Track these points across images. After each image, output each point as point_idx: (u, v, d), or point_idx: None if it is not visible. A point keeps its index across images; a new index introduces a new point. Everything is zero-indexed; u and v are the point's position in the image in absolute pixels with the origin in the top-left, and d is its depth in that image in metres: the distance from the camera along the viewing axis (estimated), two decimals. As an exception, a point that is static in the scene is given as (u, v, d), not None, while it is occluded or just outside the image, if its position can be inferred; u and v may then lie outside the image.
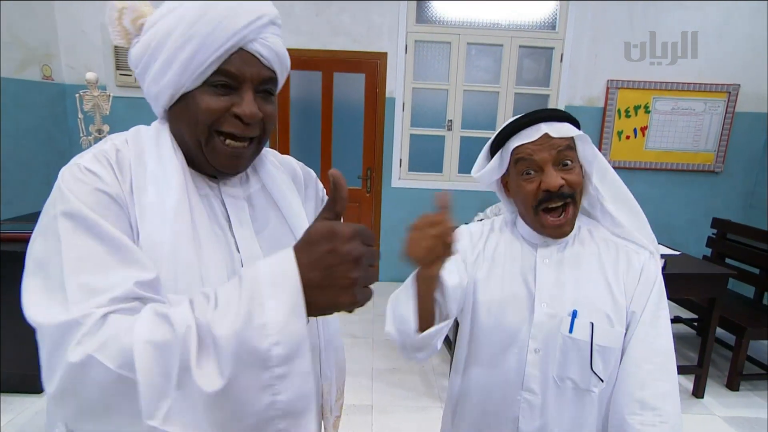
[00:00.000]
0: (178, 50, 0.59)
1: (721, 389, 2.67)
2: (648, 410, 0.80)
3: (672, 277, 2.38)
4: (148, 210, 0.58)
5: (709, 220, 3.43)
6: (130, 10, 0.62)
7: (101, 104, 2.57)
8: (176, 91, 0.62)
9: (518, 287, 0.90)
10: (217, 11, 0.59)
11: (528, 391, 0.87)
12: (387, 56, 3.77)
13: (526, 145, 0.85)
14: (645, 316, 0.84)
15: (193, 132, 0.63)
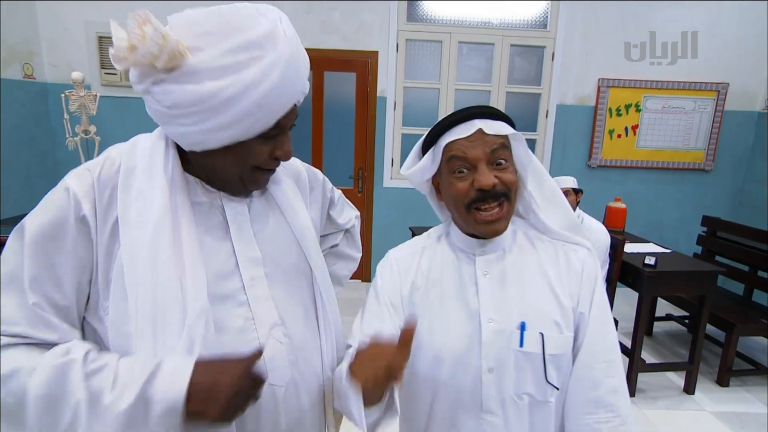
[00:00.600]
0: (248, 113, 0.63)
1: (711, 385, 2.76)
2: (602, 408, 0.82)
3: (663, 275, 2.47)
4: (131, 227, 0.63)
5: (699, 217, 3.54)
6: (168, 52, 0.58)
7: (87, 104, 2.58)
8: (234, 141, 0.65)
9: (460, 306, 0.86)
10: (285, 81, 0.63)
11: (489, 413, 0.83)
12: (378, 55, 3.83)
13: (459, 141, 0.81)
14: (593, 315, 0.84)
15: (237, 170, 0.69)
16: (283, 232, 0.78)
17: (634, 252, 2.73)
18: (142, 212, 0.63)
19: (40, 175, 3.75)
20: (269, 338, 0.70)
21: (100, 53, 3.69)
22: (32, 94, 3.64)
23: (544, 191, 0.89)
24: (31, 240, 0.60)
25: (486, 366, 0.83)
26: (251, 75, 0.61)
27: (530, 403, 0.83)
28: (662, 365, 2.82)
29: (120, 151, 0.69)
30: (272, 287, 0.73)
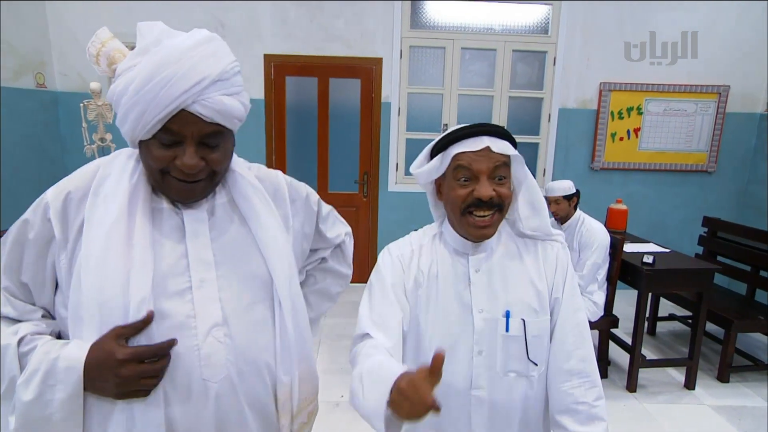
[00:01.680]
0: (129, 110, 0.74)
1: (712, 381, 2.95)
2: (574, 375, 1.02)
3: (660, 273, 2.67)
4: (93, 225, 0.76)
5: (702, 219, 3.74)
6: (104, 56, 0.78)
7: (105, 113, 2.81)
8: (133, 139, 0.78)
9: (456, 300, 1.03)
10: (161, 78, 0.72)
11: (477, 388, 1.02)
12: (382, 61, 4.06)
13: (468, 153, 0.97)
14: (565, 298, 1.05)
15: (149, 171, 0.80)
16: (244, 240, 0.86)
17: (634, 251, 2.93)
18: (104, 214, 0.76)
19: (50, 182, 3.89)
20: (208, 336, 0.78)
21: (109, 62, 3.93)
22: (44, 103, 3.88)
23: (532, 205, 1.07)
24: (7, 239, 0.79)
25: (477, 349, 1.02)
26: (131, 74, 0.74)
27: (515, 378, 1.04)
28: (662, 361, 3.01)
29: (98, 163, 0.83)
30: (222, 290, 0.81)
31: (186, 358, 0.77)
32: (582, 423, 1.01)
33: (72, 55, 3.96)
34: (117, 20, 3.88)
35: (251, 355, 0.83)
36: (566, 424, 1.02)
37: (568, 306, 1.05)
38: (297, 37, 3.99)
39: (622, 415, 2.59)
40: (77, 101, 3.83)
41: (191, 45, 0.75)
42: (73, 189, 0.80)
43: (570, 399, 1.02)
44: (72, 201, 0.79)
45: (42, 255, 0.78)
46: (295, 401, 0.89)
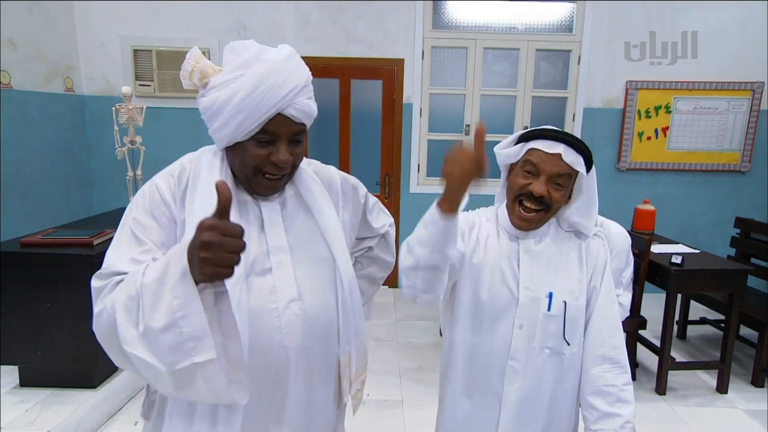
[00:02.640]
0: (233, 116, 0.89)
1: (745, 385, 2.98)
2: (606, 361, 1.17)
3: (689, 274, 2.73)
4: (196, 213, 0.89)
5: (734, 220, 3.76)
6: (198, 72, 0.92)
7: (135, 116, 2.99)
8: (231, 141, 0.93)
9: (505, 273, 1.19)
10: (265, 87, 0.88)
11: (513, 360, 1.18)
12: (404, 62, 4.19)
13: (540, 152, 1.12)
14: (602, 290, 1.20)
15: (241, 170, 0.95)
16: (311, 227, 1.03)
17: (662, 252, 2.99)
18: (203, 204, 0.90)
19: (76, 185, 4.20)
20: (286, 309, 0.95)
21: (134, 66, 4.15)
22: (71, 106, 4.11)
23: (583, 215, 1.22)
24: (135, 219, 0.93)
25: (518, 323, 1.17)
26: (235, 86, 0.89)
27: (550, 354, 1.18)
28: (692, 363, 3.06)
29: (190, 159, 1.00)
30: (296, 270, 0.98)
31: (269, 328, 0.93)
32: (611, 404, 1.14)
33: (98, 60, 4.18)
34: (142, 25, 4.09)
35: (321, 327, 0.99)
36: (596, 404, 1.15)
37: (605, 298, 1.20)
38: (319, 39, 4.15)
39: (651, 417, 2.64)
40: (103, 105, 4.09)
41: (283, 58, 0.92)
42: (177, 183, 0.96)
43: (601, 381, 1.16)
44: (178, 192, 0.95)
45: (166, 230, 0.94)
46: (353, 368, 1.05)
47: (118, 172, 3.84)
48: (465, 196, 0.97)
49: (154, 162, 4.23)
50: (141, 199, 0.94)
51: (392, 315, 3.94)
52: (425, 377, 2.97)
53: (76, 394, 2.40)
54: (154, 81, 4.15)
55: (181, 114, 4.23)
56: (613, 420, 1.13)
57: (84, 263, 2.30)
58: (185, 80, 0.94)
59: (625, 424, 1.13)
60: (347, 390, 1.07)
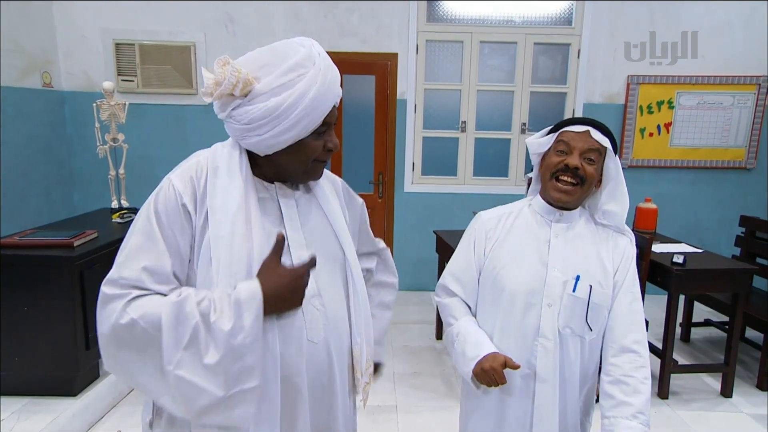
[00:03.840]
0: (304, 116, 0.94)
1: (751, 389, 3.01)
2: (627, 352, 1.25)
3: (692, 273, 2.75)
4: (217, 212, 0.94)
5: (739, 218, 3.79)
6: (243, 82, 0.92)
7: (117, 113, 2.99)
8: (294, 141, 0.97)
9: (534, 253, 1.31)
10: (328, 84, 0.95)
11: (543, 338, 1.27)
12: (397, 57, 4.21)
13: (571, 132, 1.27)
14: (626, 284, 1.29)
15: (301, 164, 1.01)
16: (323, 223, 1.09)
17: (664, 252, 3.02)
18: (225, 203, 0.95)
19: (57, 184, 4.19)
20: (308, 305, 1.00)
21: (116, 60, 4.14)
22: (50, 103, 4.10)
23: (615, 198, 1.32)
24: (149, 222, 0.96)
25: (546, 301, 1.27)
26: (302, 87, 0.92)
27: (570, 335, 1.27)
28: (696, 366, 3.09)
29: (206, 156, 1.02)
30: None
31: (295, 322, 1.00)
32: (627, 394, 1.22)
33: (78, 54, 4.17)
34: (125, 17, 4.09)
35: (338, 321, 1.08)
36: (613, 392, 1.23)
37: (628, 292, 1.29)
38: (310, 33, 4.05)
39: (654, 421, 2.65)
40: (84, 101, 4.08)
41: (323, 52, 0.99)
42: (195, 181, 0.99)
43: (620, 371, 1.24)
44: (197, 190, 0.98)
45: (184, 236, 0.97)
46: (364, 359, 1.13)
47: (100, 171, 3.83)
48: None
49: (137, 160, 4.27)
50: (157, 202, 0.96)
51: (386, 319, 3.94)
52: (421, 382, 2.98)
53: (56, 403, 2.40)
54: (138, 76, 4.15)
55: (166, 110, 4.23)
56: (628, 408, 1.20)
57: (64, 266, 2.29)
58: (221, 93, 0.93)
59: (638, 414, 1.20)
60: (360, 381, 1.14)
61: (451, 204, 4.38)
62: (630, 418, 1.19)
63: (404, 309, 4.12)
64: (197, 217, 0.97)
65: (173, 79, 4.17)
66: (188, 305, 0.88)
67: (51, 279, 2.30)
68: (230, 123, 0.97)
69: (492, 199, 4.61)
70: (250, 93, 0.93)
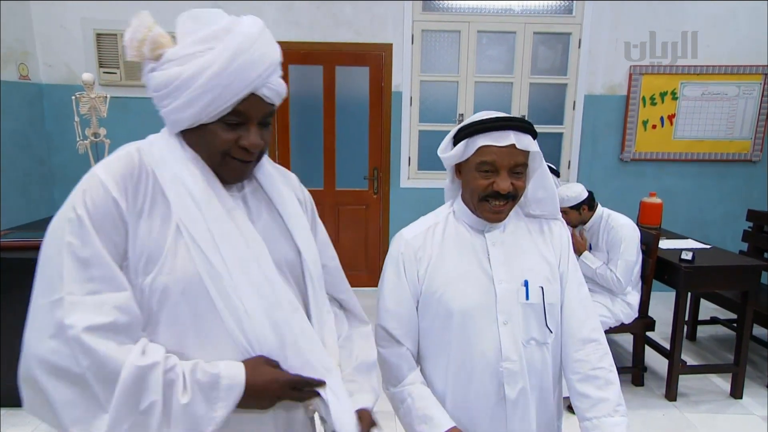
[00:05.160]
0: (202, 94, 0.83)
1: (761, 389, 2.97)
2: (588, 344, 1.22)
3: (701, 271, 2.70)
4: (186, 208, 0.85)
5: (746, 213, 3.76)
6: (150, 41, 0.84)
7: (98, 106, 2.89)
8: (195, 123, 0.87)
9: (475, 268, 1.20)
10: (239, 64, 0.83)
11: (507, 360, 1.16)
12: (392, 48, 4.13)
13: (493, 147, 1.12)
14: (570, 272, 1.25)
15: (207, 155, 0.90)
16: (276, 222, 0.99)
17: (671, 248, 2.97)
18: (188, 197, 0.86)
19: (36, 182, 4.08)
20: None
21: (98, 51, 4.03)
22: (28, 96, 3.99)
23: (545, 189, 1.25)
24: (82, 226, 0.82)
25: (501, 320, 1.18)
26: (204, 60, 0.83)
27: (535, 346, 1.20)
28: (704, 367, 3.04)
29: (137, 147, 0.91)
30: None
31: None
32: (601, 388, 1.19)
33: (57, 45, 4.06)
34: (106, 6, 3.98)
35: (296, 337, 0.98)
36: (587, 391, 1.19)
37: (573, 280, 1.25)
38: (302, 24, 4.06)
39: (661, 424, 2.62)
40: (64, 94, 3.96)
41: (258, 32, 0.88)
42: (127, 170, 0.87)
43: (587, 366, 1.20)
44: (131, 178, 0.87)
45: (115, 240, 0.84)
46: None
47: (82, 168, 3.64)
48: None
49: (120, 157, 4.13)
50: (84, 211, 0.82)
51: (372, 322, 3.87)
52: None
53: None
54: (120, 68, 4.05)
55: (151, 104, 4.06)
56: (606, 404, 1.17)
57: (40, 268, 2.20)
58: (132, 50, 0.86)
59: (618, 407, 1.18)
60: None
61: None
62: (612, 414, 1.17)
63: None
64: (134, 218, 0.85)
65: (158, 71, 4.06)
66: (153, 377, 0.79)
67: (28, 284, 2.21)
68: (148, 89, 0.90)
69: (444, 198, 4.54)
70: (162, 57, 0.86)
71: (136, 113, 4.11)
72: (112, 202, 0.84)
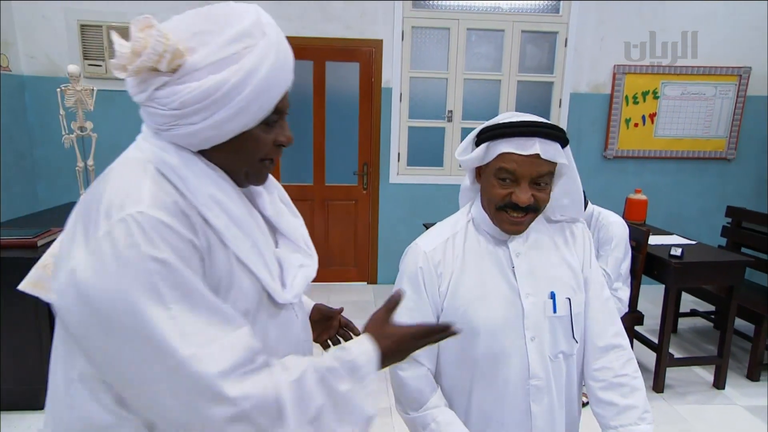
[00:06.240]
0: (255, 98, 0.72)
1: (741, 380, 2.97)
2: (611, 350, 1.13)
3: (690, 266, 2.67)
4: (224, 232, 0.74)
5: (722, 209, 3.77)
6: (171, 52, 0.68)
7: (85, 99, 2.71)
8: (240, 132, 0.74)
9: (499, 282, 1.09)
10: (282, 59, 0.74)
11: (535, 378, 1.08)
12: (382, 44, 4.00)
13: (514, 155, 0.99)
14: (592, 276, 1.16)
15: (244, 163, 0.78)
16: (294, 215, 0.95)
17: (659, 244, 2.94)
18: (230, 216, 0.75)
19: (18, 177, 3.84)
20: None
21: (82, 43, 3.81)
22: (9, 88, 3.74)
23: (571, 196, 1.15)
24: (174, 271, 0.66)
25: (529, 336, 1.08)
26: (250, 62, 0.71)
27: (563, 359, 1.11)
28: (691, 359, 3.03)
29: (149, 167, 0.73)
30: None
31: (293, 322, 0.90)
32: (627, 396, 1.10)
33: (39, 35, 3.82)
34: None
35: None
36: (612, 399, 1.11)
37: (595, 282, 1.16)
38: (292, 18, 3.90)
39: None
40: (47, 86, 3.74)
41: (273, 21, 0.78)
42: (171, 200, 0.70)
43: (610, 373, 1.11)
44: (184, 209, 0.71)
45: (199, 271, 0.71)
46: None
47: (67, 163, 3.53)
48: None
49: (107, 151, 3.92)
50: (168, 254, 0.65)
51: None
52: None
53: (21, 418, 2.16)
54: (106, 60, 3.83)
55: (137, 98, 3.92)
56: (633, 412, 1.09)
57: (26, 268, 2.01)
58: (142, 66, 0.68)
59: (644, 414, 1.10)
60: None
61: (437, 195, 4.22)
62: (639, 422, 1.09)
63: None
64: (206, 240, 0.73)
65: (144, 64, 3.86)
66: (308, 383, 0.72)
67: (12, 283, 2.03)
68: (152, 108, 0.72)
69: (459, 201, 4.47)
70: (181, 68, 0.70)
71: (124, 107, 3.89)
72: (188, 243, 0.69)
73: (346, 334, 1.13)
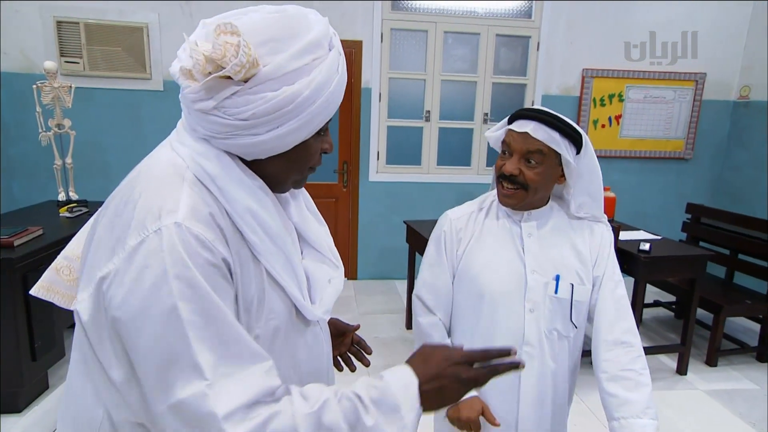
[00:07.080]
0: (317, 115, 0.69)
1: (701, 366, 3.06)
2: (619, 345, 1.14)
3: (657, 260, 2.73)
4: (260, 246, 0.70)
5: (681, 205, 3.87)
6: (250, 63, 0.63)
7: (63, 96, 2.58)
8: (300, 142, 0.71)
9: (510, 253, 1.19)
10: (344, 78, 0.72)
11: (528, 345, 1.16)
12: (362, 45, 3.95)
13: (513, 132, 1.13)
14: (608, 272, 1.19)
15: (296, 171, 0.75)
16: (317, 220, 0.93)
17: (628, 239, 2.99)
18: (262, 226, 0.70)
19: (-7, 177, 3.65)
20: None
21: (58, 40, 3.62)
22: (-19, 85, 3.54)
23: (591, 195, 1.19)
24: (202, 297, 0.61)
25: (528, 307, 1.16)
26: (321, 75, 0.67)
27: (557, 337, 1.18)
28: (656, 348, 3.10)
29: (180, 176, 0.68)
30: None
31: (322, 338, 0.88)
32: (630, 389, 1.12)
33: (13, 31, 3.61)
34: (67, -7, 3.58)
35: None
36: (616, 391, 1.13)
37: (610, 280, 1.19)
38: (270, 17, 3.80)
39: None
40: (22, 83, 3.55)
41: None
42: (208, 211, 0.66)
43: (616, 366, 1.13)
44: (219, 222, 0.67)
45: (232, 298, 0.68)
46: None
47: (44, 161, 3.36)
48: None
49: (86, 148, 3.79)
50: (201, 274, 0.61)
51: (354, 309, 3.74)
52: (396, 375, 2.81)
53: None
54: (84, 57, 3.65)
55: (118, 95, 3.76)
56: (634, 405, 1.11)
57: (3, 268, 1.91)
58: (220, 74, 0.62)
59: (647, 409, 1.11)
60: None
61: (415, 193, 4.21)
62: (641, 416, 1.10)
63: (371, 299, 3.93)
64: (234, 265, 0.68)
65: (124, 62, 3.70)
66: (329, 415, 0.63)
67: None
68: (215, 116, 0.65)
69: (455, 188, 4.48)
70: (253, 78, 0.64)
71: (101, 104, 3.74)
72: (221, 263, 0.64)
73: (358, 352, 1.08)
